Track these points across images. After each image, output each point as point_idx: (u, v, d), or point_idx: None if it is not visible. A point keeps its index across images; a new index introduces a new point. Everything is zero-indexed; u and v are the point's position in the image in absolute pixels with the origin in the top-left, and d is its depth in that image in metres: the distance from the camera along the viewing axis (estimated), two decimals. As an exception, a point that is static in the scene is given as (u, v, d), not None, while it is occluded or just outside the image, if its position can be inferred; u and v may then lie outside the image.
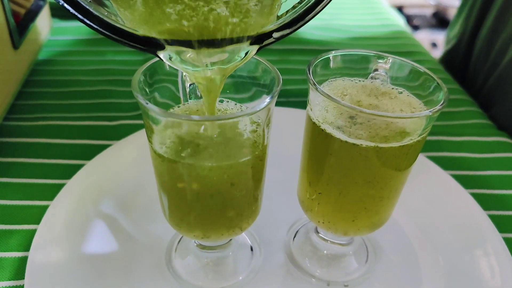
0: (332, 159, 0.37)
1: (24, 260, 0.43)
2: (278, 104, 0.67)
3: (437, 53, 2.79)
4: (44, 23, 0.76)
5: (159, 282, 0.44)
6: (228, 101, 0.39)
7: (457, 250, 0.47)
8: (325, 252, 0.47)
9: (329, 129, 0.36)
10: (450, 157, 0.62)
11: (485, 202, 0.53)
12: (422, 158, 0.57)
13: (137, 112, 0.65)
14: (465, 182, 0.56)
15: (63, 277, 0.42)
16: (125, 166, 0.53)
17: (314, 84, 0.36)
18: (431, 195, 0.53)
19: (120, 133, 0.60)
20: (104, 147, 0.56)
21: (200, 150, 0.33)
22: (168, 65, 0.36)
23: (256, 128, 0.35)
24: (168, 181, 0.36)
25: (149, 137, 0.35)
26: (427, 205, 0.52)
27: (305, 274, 0.45)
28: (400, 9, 2.91)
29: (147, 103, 0.32)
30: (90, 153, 0.55)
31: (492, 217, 0.50)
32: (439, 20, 2.87)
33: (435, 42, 2.77)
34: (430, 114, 0.34)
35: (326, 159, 0.38)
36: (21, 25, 0.66)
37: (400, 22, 1.04)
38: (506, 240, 0.48)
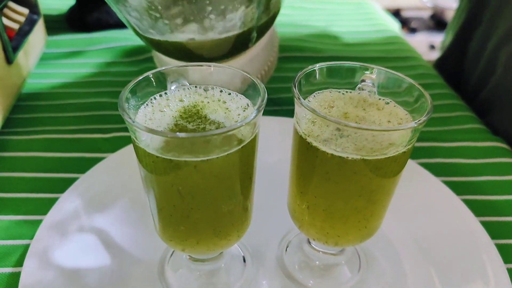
0: (319, 171, 0.38)
1: (17, 275, 0.44)
2: (271, 113, 0.69)
3: (435, 56, 2.80)
4: (38, 36, 0.76)
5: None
6: (213, 88, 0.39)
7: (449, 258, 0.47)
8: (317, 262, 0.47)
9: (315, 142, 0.36)
10: (443, 163, 0.62)
11: (478, 208, 0.53)
12: (414, 165, 0.57)
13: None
14: (458, 188, 0.56)
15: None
16: (119, 179, 0.53)
17: (299, 98, 0.36)
18: (422, 203, 0.53)
19: (113, 145, 0.60)
20: (98, 160, 0.56)
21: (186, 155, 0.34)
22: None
23: (242, 137, 0.35)
24: (156, 191, 0.36)
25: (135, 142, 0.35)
26: (419, 213, 0.52)
27: (298, 285, 0.45)
28: (397, 12, 2.92)
29: (133, 122, 0.32)
30: (84, 166, 0.55)
31: (485, 224, 0.50)
32: (437, 22, 2.88)
33: (433, 45, 2.78)
34: (415, 125, 0.35)
35: (313, 172, 0.38)
36: (15, 40, 0.67)
37: (394, 27, 1.04)
38: (499, 246, 0.48)
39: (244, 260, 0.47)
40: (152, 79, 0.38)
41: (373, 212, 0.40)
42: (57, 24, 0.90)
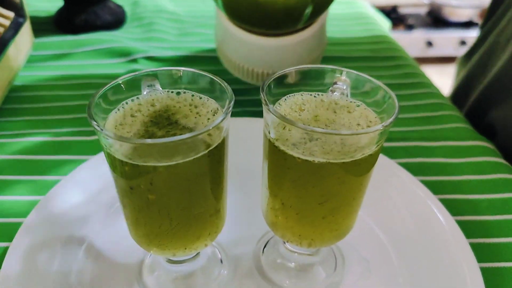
0: (288, 175, 0.38)
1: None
2: (249, 113, 0.69)
3: (433, 52, 2.80)
4: (25, 39, 0.77)
5: (130, 297, 0.44)
6: (185, 92, 0.40)
7: (425, 257, 0.48)
8: (293, 263, 0.47)
9: (283, 146, 0.37)
10: (425, 163, 0.62)
11: (456, 207, 0.54)
12: (393, 165, 0.58)
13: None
14: (438, 187, 0.56)
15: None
16: (99, 182, 0.54)
17: (266, 104, 0.37)
18: (399, 202, 0.54)
19: (98, 148, 0.61)
20: (82, 162, 0.57)
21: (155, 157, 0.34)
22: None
23: (210, 141, 0.35)
24: (127, 195, 0.37)
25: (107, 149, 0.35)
26: (395, 213, 0.53)
27: (274, 286, 0.46)
28: (394, 8, 2.92)
29: (101, 129, 0.33)
30: (68, 168, 0.56)
31: (461, 223, 0.51)
32: (434, 19, 2.87)
33: (430, 41, 2.78)
34: (381, 129, 0.35)
35: (283, 176, 0.39)
36: (0, 43, 0.67)
37: (384, 26, 1.05)
38: (475, 245, 0.49)
39: (221, 261, 0.48)
40: (122, 85, 0.39)
41: (344, 213, 0.40)
42: (45, 26, 0.90)
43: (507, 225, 0.53)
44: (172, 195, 0.36)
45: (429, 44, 2.78)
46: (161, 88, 0.40)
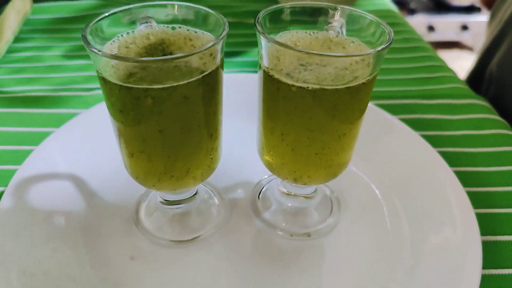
0: (282, 105, 0.38)
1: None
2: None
3: (434, 37, 2.78)
4: (22, 2, 0.77)
5: (128, 238, 0.45)
6: (180, 27, 0.40)
7: (421, 204, 0.48)
8: (289, 205, 0.48)
9: (277, 75, 0.37)
10: (422, 119, 0.63)
11: (452, 159, 0.54)
12: (393, 119, 0.58)
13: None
14: (435, 141, 0.57)
15: (30, 233, 0.43)
16: (95, 131, 0.54)
17: (263, 33, 0.37)
18: (398, 153, 0.54)
19: (95, 103, 0.61)
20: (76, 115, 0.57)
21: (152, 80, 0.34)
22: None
23: (204, 67, 0.36)
24: (122, 124, 0.37)
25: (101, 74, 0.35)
26: (394, 162, 0.53)
27: (270, 227, 0.46)
28: (396, -8, 2.90)
29: (97, 50, 0.33)
30: (65, 121, 0.56)
31: (458, 173, 0.51)
32: (436, 4, 2.86)
33: (432, 26, 2.76)
34: (374, 52, 0.35)
35: (277, 107, 0.39)
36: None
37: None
38: (470, 193, 0.49)
39: (217, 205, 0.48)
40: (119, 15, 0.39)
41: (336, 150, 0.40)
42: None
43: (502, 176, 0.53)
44: (166, 121, 0.36)
45: (431, 28, 2.77)
46: (156, 24, 0.40)
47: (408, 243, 0.44)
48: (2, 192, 0.46)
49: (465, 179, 0.51)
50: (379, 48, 0.35)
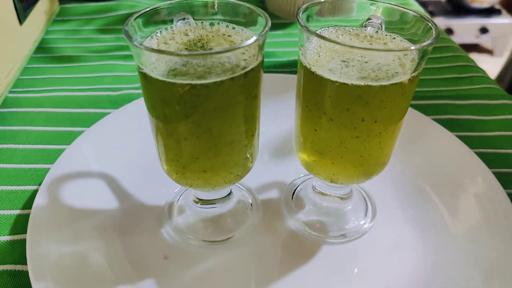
0: (323, 103, 0.37)
1: (26, 216, 0.44)
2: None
3: (453, 40, 2.76)
4: (50, 3, 0.77)
5: (161, 237, 0.44)
6: (219, 23, 0.39)
7: (462, 205, 0.47)
8: (324, 205, 0.47)
9: (319, 71, 0.36)
10: (455, 119, 0.61)
11: (489, 160, 0.52)
12: (428, 121, 0.56)
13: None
14: (470, 142, 0.55)
15: (65, 232, 0.42)
16: (126, 131, 0.53)
17: (305, 26, 0.36)
18: (434, 154, 0.53)
19: (123, 102, 0.61)
20: (107, 115, 0.57)
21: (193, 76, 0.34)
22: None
23: (245, 63, 0.35)
24: (162, 121, 0.37)
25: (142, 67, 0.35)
26: (431, 163, 0.52)
27: (304, 228, 0.45)
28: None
29: (139, 44, 0.33)
30: (93, 121, 0.56)
31: (496, 174, 0.49)
32: (454, 6, 2.83)
33: (450, 28, 2.73)
34: (419, 47, 0.34)
35: (318, 105, 0.38)
36: (27, 1, 0.68)
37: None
38: (510, 195, 0.48)
39: (251, 205, 0.47)
40: (159, 12, 0.38)
41: (377, 148, 0.39)
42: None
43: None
44: (206, 118, 0.35)
45: (449, 31, 2.74)
46: (193, 21, 0.40)
47: (450, 245, 0.43)
48: (36, 191, 0.46)
49: (504, 180, 0.49)
50: (426, 43, 0.34)
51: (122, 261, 0.41)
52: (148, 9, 0.37)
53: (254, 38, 0.33)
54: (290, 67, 0.72)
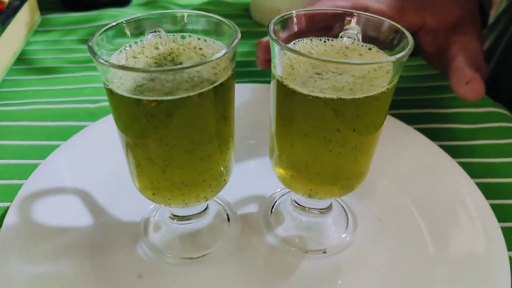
0: (297, 117, 0.36)
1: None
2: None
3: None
4: (31, 13, 0.76)
5: (135, 255, 0.43)
6: (190, 36, 0.38)
7: (442, 217, 0.46)
8: (303, 219, 0.46)
9: (292, 85, 0.35)
10: (440, 128, 0.61)
11: (474, 170, 0.52)
12: (410, 130, 0.56)
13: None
14: (454, 152, 0.54)
15: (36, 250, 0.41)
16: (102, 145, 0.52)
17: (276, 40, 0.35)
18: (417, 165, 0.52)
19: (102, 114, 0.59)
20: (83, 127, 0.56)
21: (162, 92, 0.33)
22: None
23: (215, 77, 0.34)
24: (131, 138, 0.36)
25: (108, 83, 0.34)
26: (413, 175, 0.51)
27: (283, 243, 0.44)
28: None
29: (104, 60, 0.32)
30: (72, 134, 0.55)
31: (480, 185, 0.48)
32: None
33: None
34: (393, 60, 0.33)
35: (292, 119, 0.37)
36: (5, 13, 0.67)
37: None
38: (495, 206, 0.47)
39: (228, 220, 0.46)
40: (125, 26, 0.37)
41: (354, 161, 0.38)
42: (51, 5, 0.89)
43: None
44: (176, 134, 0.34)
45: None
46: (165, 33, 0.39)
47: (431, 260, 0.42)
48: (7, 208, 0.45)
49: (487, 190, 0.49)
50: (400, 55, 0.33)
51: (94, 281, 0.40)
52: (115, 23, 0.36)
53: (224, 51, 0.32)
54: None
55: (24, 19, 0.73)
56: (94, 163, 0.51)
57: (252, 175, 0.51)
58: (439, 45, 0.57)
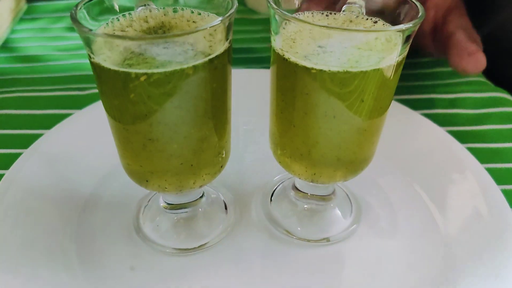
0: (299, 94, 0.34)
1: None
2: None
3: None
4: (15, 1, 0.73)
5: (127, 247, 0.40)
6: (183, 9, 0.36)
7: (451, 202, 0.44)
8: (305, 207, 0.43)
9: (293, 58, 0.32)
10: (444, 114, 0.58)
11: (481, 155, 0.49)
12: (415, 115, 0.53)
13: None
14: (460, 136, 0.52)
15: (23, 241, 0.38)
16: (89, 133, 0.49)
17: (277, 9, 0.32)
18: (423, 150, 0.49)
19: (90, 102, 0.56)
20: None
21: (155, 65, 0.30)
22: None
23: (210, 50, 0.31)
24: (120, 118, 0.33)
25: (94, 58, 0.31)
26: (420, 160, 0.48)
27: (284, 232, 0.41)
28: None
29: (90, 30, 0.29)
30: (58, 122, 0.52)
31: (489, 170, 0.46)
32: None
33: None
34: (403, 28, 0.31)
35: (294, 97, 0.34)
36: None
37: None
38: (504, 192, 0.44)
39: (226, 207, 0.43)
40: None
41: (359, 142, 0.36)
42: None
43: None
44: (168, 113, 0.32)
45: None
46: (155, 7, 0.36)
47: (440, 246, 0.40)
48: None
49: (497, 175, 0.46)
50: (410, 24, 0.31)
51: (82, 274, 0.37)
52: None
53: (219, 19, 0.30)
54: (269, 62, 0.69)
55: (8, 5, 0.70)
56: (81, 152, 0.48)
57: (251, 160, 0.49)
58: (436, 22, 0.57)
